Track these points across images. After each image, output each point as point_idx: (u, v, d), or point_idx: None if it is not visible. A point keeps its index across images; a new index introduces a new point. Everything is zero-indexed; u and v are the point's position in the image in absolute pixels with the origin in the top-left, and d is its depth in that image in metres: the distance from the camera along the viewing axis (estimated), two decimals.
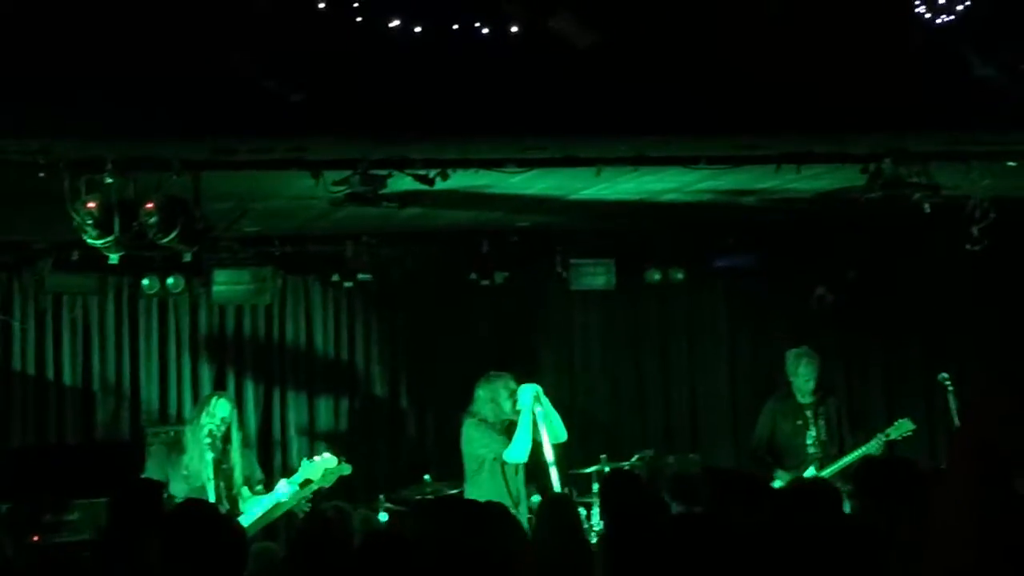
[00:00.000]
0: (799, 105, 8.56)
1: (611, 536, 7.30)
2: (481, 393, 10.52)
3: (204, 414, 10.23)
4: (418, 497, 11.20)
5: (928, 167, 9.55)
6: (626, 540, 6.31)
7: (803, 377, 11.61)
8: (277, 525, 10.69)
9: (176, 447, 10.51)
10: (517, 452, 10.32)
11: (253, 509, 10.16)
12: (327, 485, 10.40)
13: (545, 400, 10.40)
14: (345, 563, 5.58)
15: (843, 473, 10.77)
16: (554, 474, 10.31)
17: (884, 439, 11.16)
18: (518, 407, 10.39)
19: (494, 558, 5.64)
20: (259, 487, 10.77)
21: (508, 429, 10.43)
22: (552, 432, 10.39)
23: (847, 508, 6.91)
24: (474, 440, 10.46)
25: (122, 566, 5.80)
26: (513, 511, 9.29)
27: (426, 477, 11.72)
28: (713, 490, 7.25)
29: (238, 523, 7.95)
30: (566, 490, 10.56)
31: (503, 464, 10.37)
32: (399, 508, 11.42)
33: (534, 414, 10.32)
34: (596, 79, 8.29)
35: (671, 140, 9.12)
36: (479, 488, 10.31)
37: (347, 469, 10.48)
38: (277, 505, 10.16)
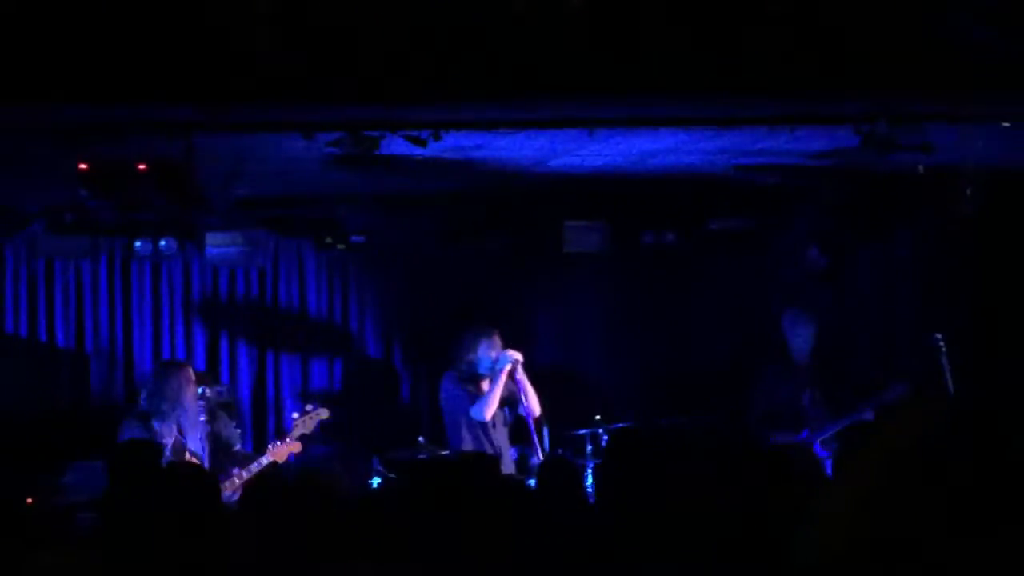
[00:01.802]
0: (792, 65, 8.55)
1: (613, 497, 7.30)
2: (464, 344, 10.67)
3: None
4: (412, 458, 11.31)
5: (922, 128, 9.53)
6: (629, 500, 6.30)
7: (800, 338, 11.62)
8: None
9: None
10: (479, 410, 10.48)
11: (249, 468, 10.47)
12: (308, 431, 10.76)
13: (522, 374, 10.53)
14: (334, 520, 5.58)
15: (838, 436, 10.80)
16: (535, 439, 10.37)
17: (879, 403, 11.17)
18: (497, 366, 10.50)
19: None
20: (236, 447, 11.02)
21: (480, 384, 10.60)
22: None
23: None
24: (448, 394, 10.65)
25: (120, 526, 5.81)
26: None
27: (420, 439, 11.74)
28: (706, 452, 7.25)
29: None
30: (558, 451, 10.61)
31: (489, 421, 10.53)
32: (391, 470, 11.46)
33: (514, 378, 10.44)
34: (588, 38, 8.27)
35: (664, 101, 9.11)
36: (460, 442, 10.49)
37: (324, 413, 10.83)
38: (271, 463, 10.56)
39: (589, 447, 11.17)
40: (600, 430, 11.27)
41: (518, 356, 10.53)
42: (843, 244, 13.63)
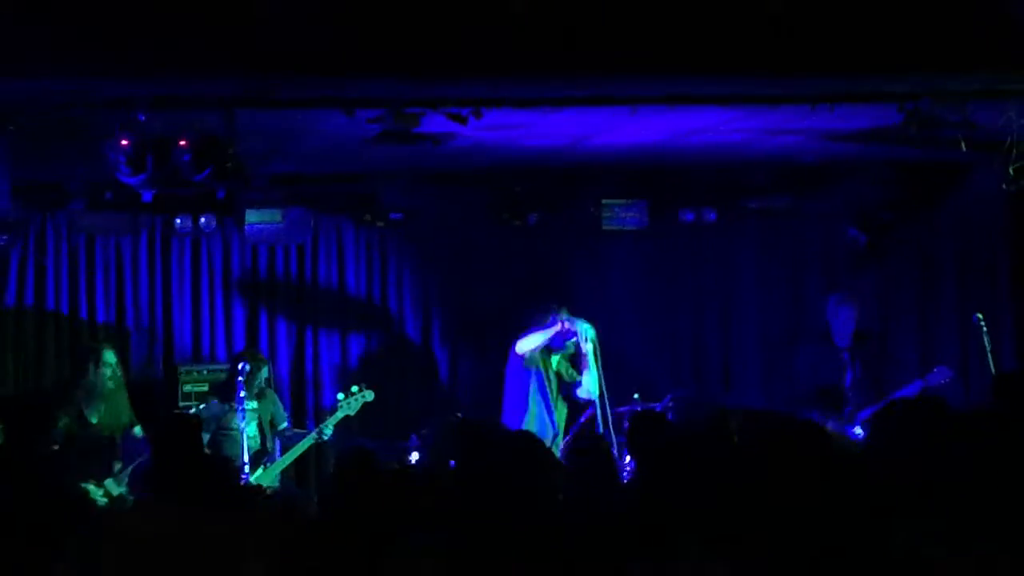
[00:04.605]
0: (835, 44, 8.51)
1: (639, 475, 7.32)
2: (536, 318, 10.65)
3: (239, 379, 10.57)
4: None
5: (965, 106, 9.47)
6: (653, 479, 6.32)
7: (843, 321, 11.59)
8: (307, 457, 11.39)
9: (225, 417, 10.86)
10: (590, 387, 10.48)
11: (295, 448, 10.93)
12: (352, 413, 10.85)
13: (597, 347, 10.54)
14: (377, 497, 5.62)
15: (879, 412, 10.75)
16: (599, 412, 10.40)
17: (923, 384, 11.13)
18: (579, 340, 10.52)
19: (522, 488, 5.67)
20: (283, 425, 11.13)
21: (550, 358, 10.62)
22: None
23: None
24: (515, 367, 10.59)
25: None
26: (551, 443, 9.45)
27: (458, 415, 11.74)
28: (743, 430, 7.23)
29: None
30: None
31: (551, 396, 10.51)
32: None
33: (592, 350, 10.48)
34: (630, 16, 8.24)
35: (706, 79, 9.07)
36: (524, 415, 10.46)
37: (370, 395, 10.89)
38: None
39: (626, 424, 11.15)
40: (638, 408, 11.26)
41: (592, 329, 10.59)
42: (883, 223, 13.57)
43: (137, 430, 11.16)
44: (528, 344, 10.63)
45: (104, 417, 11.13)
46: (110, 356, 11.30)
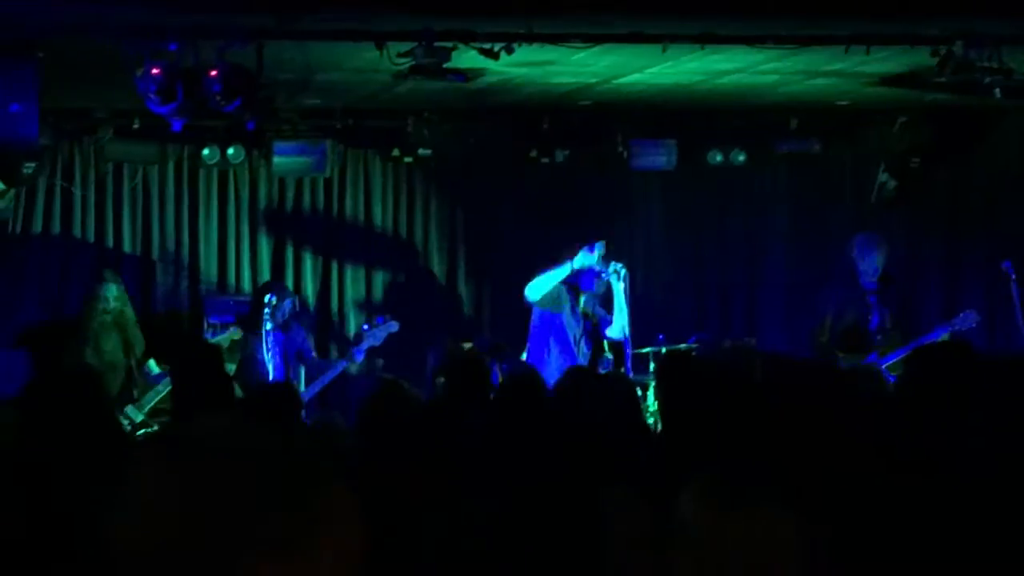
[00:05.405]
0: None
1: (665, 416, 7.30)
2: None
3: (265, 310, 10.58)
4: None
5: (1000, 51, 9.39)
6: (680, 420, 6.30)
7: (869, 263, 11.51)
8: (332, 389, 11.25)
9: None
10: (618, 329, 10.51)
11: (321, 378, 10.77)
12: (377, 343, 10.83)
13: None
14: (409, 431, 5.64)
15: (907, 357, 10.71)
16: (628, 351, 10.44)
17: (949, 329, 11.08)
18: (610, 278, 10.56)
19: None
20: (311, 356, 11.16)
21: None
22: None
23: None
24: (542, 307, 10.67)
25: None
26: None
27: (459, 344, 11.74)
28: (768, 374, 7.22)
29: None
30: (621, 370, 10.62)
31: (573, 342, 10.54)
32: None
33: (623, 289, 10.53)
34: None
35: (739, 18, 9.01)
36: (547, 355, 10.48)
37: (395, 326, 10.87)
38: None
39: (652, 365, 11.15)
40: (663, 349, 11.26)
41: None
42: (913, 168, 13.49)
43: (151, 364, 11.17)
44: (536, 289, 10.60)
45: (118, 346, 11.14)
46: (110, 290, 11.26)
